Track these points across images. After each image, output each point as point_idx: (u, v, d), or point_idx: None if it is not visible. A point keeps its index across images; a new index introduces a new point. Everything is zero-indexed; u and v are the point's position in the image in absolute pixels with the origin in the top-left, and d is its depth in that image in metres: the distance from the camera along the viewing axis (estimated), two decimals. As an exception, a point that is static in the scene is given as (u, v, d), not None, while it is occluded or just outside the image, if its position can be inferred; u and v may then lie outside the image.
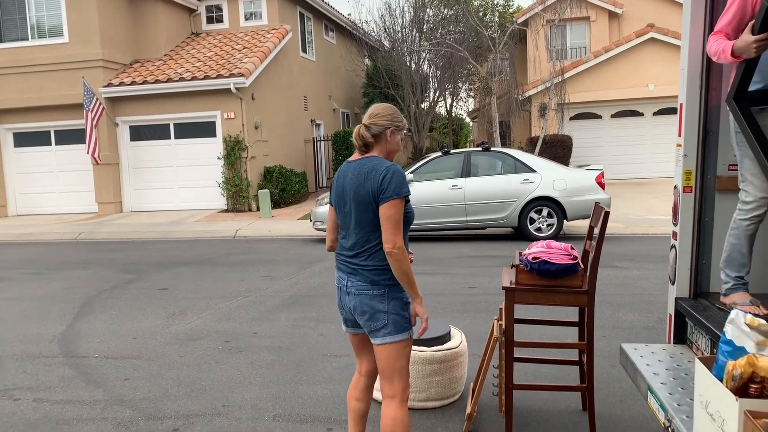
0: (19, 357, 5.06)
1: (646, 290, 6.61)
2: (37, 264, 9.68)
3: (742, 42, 2.68)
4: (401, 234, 2.63)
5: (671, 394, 2.57)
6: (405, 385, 2.77)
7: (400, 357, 2.74)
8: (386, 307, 2.70)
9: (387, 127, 2.78)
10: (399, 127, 2.83)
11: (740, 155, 2.95)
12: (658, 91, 18.50)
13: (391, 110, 2.84)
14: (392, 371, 2.74)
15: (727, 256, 3.02)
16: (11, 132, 16.49)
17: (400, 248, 2.60)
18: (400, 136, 2.85)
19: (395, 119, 2.82)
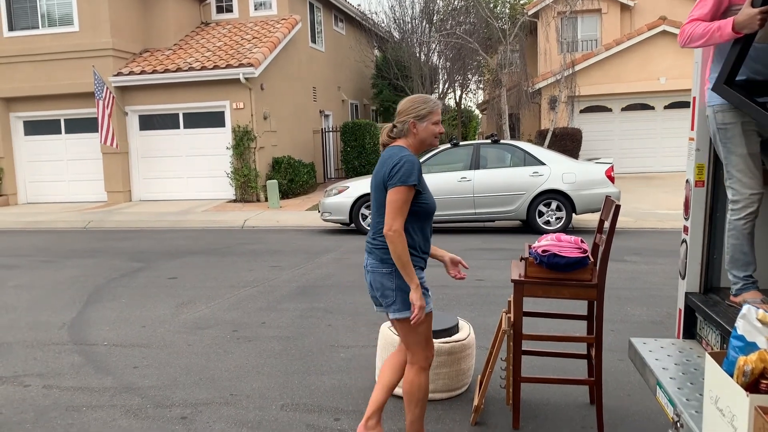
0: (29, 344, 5.10)
1: (654, 285, 6.59)
2: (46, 252, 9.74)
3: (743, 16, 2.63)
4: (400, 219, 2.79)
5: (680, 389, 2.56)
6: (424, 355, 2.97)
7: (412, 330, 2.94)
8: (394, 284, 2.89)
9: (407, 121, 2.93)
10: (420, 116, 2.93)
11: (725, 152, 2.93)
12: (670, 84, 18.36)
13: (411, 102, 2.95)
14: (408, 342, 2.97)
15: (731, 257, 2.99)
16: (21, 120, 16.56)
17: (395, 231, 2.76)
18: (427, 122, 2.93)
19: (415, 109, 2.93)
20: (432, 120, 2.94)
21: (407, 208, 2.82)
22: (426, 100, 2.96)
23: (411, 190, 2.81)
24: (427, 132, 2.94)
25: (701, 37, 2.83)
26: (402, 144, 2.96)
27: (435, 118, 2.94)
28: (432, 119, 2.94)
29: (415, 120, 2.93)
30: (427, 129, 2.94)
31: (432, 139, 2.97)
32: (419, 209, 2.90)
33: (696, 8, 2.90)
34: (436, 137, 2.97)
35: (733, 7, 2.81)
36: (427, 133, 2.94)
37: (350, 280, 7.11)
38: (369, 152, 17.69)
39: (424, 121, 2.93)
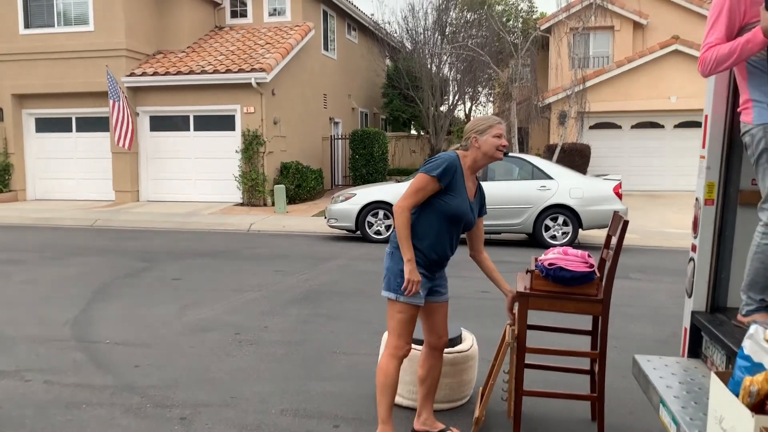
0: (33, 339, 5.11)
1: (659, 303, 6.55)
2: (53, 249, 9.78)
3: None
4: (410, 200, 3.04)
5: (684, 407, 2.54)
6: (394, 343, 3.15)
7: (390, 315, 3.17)
8: (388, 263, 3.17)
9: (469, 137, 3.18)
10: (479, 131, 3.15)
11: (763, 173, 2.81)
12: (680, 103, 18.33)
13: (473, 121, 3.22)
14: (388, 326, 3.20)
15: (751, 280, 2.85)
16: (33, 117, 16.67)
17: (400, 207, 3.03)
18: (487, 135, 3.13)
19: (475, 125, 3.18)
20: (492, 133, 3.12)
21: (421, 194, 3.05)
22: (486, 118, 3.19)
23: (431, 180, 3.04)
24: (488, 144, 3.13)
25: (729, 56, 2.73)
26: (462, 155, 3.19)
27: (495, 132, 3.12)
28: (492, 132, 3.12)
29: (476, 135, 3.15)
30: (488, 141, 3.13)
31: (494, 150, 3.13)
32: (439, 207, 3.09)
33: (709, 35, 2.84)
34: (498, 149, 3.13)
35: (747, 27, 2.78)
36: (488, 145, 3.13)
37: (354, 288, 7.10)
38: (377, 160, 17.71)
39: (484, 134, 3.13)
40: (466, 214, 3.14)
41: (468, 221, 3.19)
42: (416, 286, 3.02)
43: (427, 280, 3.19)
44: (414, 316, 3.16)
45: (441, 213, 3.10)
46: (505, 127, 3.18)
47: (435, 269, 3.22)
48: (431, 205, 3.10)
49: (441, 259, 3.19)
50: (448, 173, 3.05)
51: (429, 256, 3.15)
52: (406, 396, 3.83)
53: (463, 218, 3.14)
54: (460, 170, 3.13)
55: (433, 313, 3.34)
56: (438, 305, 3.34)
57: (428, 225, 3.12)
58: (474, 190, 3.27)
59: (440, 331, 3.36)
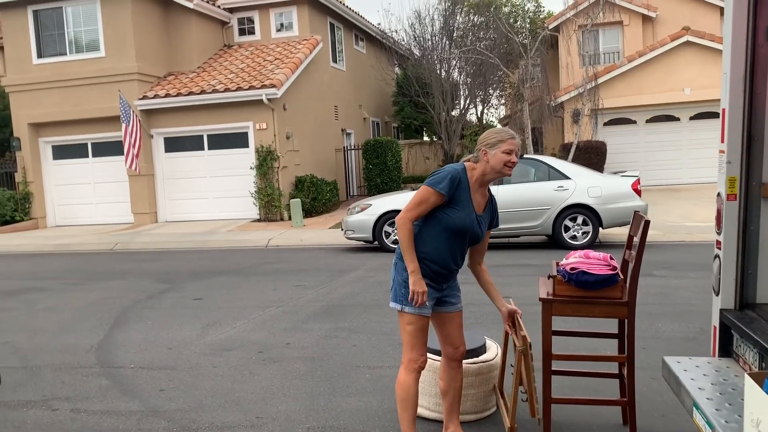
0: (58, 367, 5.14)
1: (686, 300, 6.44)
2: (75, 274, 9.87)
3: None
4: (412, 212, 3.02)
5: (718, 410, 2.47)
6: (408, 356, 3.12)
7: (401, 327, 3.14)
8: (393, 274, 3.17)
9: (480, 150, 3.12)
10: (489, 144, 3.08)
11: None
12: (695, 95, 18.12)
13: (485, 133, 3.15)
14: (402, 339, 3.16)
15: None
16: (50, 145, 16.90)
17: (401, 219, 3.02)
18: (496, 150, 3.05)
19: (486, 138, 3.11)
20: (502, 148, 3.04)
21: (424, 207, 3.02)
22: (498, 132, 3.11)
23: (434, 193, 3.01)
24: (497, 159, 3.05)
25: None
26: (470, 167, 3.14)
27: (505, 147, 3.04)
28: (502, 148, 3.04)
29: (486, 148, 3.08)
30: (497, 156, 3.05)
31: (502, 166, 3.05)
32: (441, 219, 3.06)
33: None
34: (507, 165, 3.05)
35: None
36: (497, 160, 3.05)
37: (375, 299, 7.07)
38: (391, 169, 17.70)
39: (494, 148, 3.05)
40: (470, 228, 3.09)
41: (474, 234, 3.13)
42: (422, 296, 2.99)
43: (434, 290, 3.15)
44: (424, 327, 3.11)
45: (443, 226, 3.06)
46: (518, 142, 3.10)
47: (441, 280, 3.17)
48: (434, 217, 3.07)
49: (445, 271, 3.14)
50: (452, 186, 3.02)
51: (432, 268, 3.11)
52: (432, 408, 3.79)
53: (467, 232, 3.09)
54: (465, 183, 3.08)
55: (446, 323, 3.29)
56: (450, 315, 3.28)
57: (431, 237, 3.09)
58: (484, 203, 3.20)
59: (456, 341, 3.30)
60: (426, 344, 3.14)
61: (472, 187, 3.12)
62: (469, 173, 3.12)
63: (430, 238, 3.09)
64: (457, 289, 3.32)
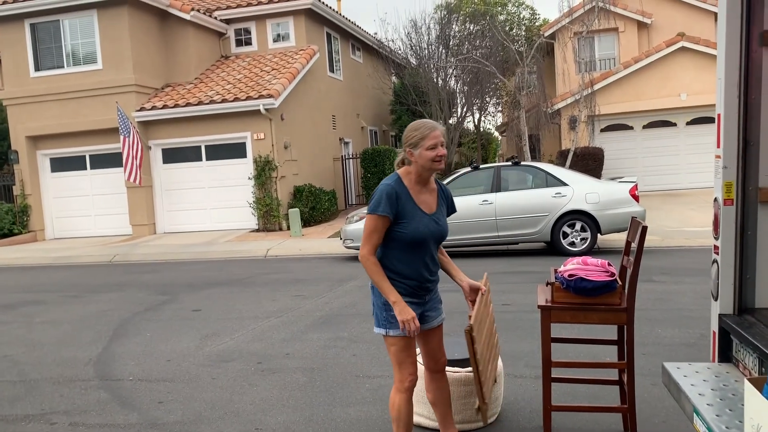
0: (56, 380, 5.12)
1: (685, 305, 6.43)
2: (73, 287, 9.84)
3: None
4: (368, 246, 2.91)
5: (719, 416, 2.46)
6: (398, 376, 3.05)
7: (387, 348, 3.05)
8: (373, 299, 3.07)
9: (405, 151, 2.98)
10: (412, 144, 2.93)
11: None
12: (691, 100, 18.17)
13: (406, 131, 2.99)
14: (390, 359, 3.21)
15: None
16: (48, 158, 16.91)
17: (362, 256, 2.92)
18: (420, 148, 2.90)
19: (408, 138, 2.95)
20: (425, 145, 2.89)
21: (377, 235, 2.91)
22: (417, 127, 2.94)
23: (379, 218, 2.89)
24: (423, 158, 2.91)
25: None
26: (405, 172, 3.01)
27: (428, 143, 2.89)
28: (425, 144, 2.89)
29: (410, 149, 2.94)
30: (422, 155, 2.90)
31: (430, 164, 2.91)
32: (396, 236, 2.95)
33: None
34: (435, 161, 2.90)
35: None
36: (424, 159, 2.91)
37: (374, 308, 7.04)
38: (389, 178, 17.68)
39: (418, 147, 2.91)
40: (428, 234, 2.97)
41: (437, 235, 3.01)
42: (413, 322, 2.87)
43: (417, 306, 3.05)
44: (409, 344, 3.02)
45: (401, 242, 2.94)
46: (441, 130, 2.93)
47: (422, 293, 3.06)
48: (390, 237, 2.96)
49: (422, 283, 3.03)
50: (391, 204, 2.88)
51: (408, 284, 3.00)
52: (432, 417, 3.77)
53: (426, 238, 2.97)
54: (404, 192, 2.95)
55: (429, 338, 3.19)
56: (433, 330, 3.19)
57: (394, 256, 2.98)
58: (434, 199, 3.06)
59: (436, 354, 3.22)
60: (415, 361, 3.07)
61: (414, 192, 2.99)
62: (406, 179, 2.99)
63: (394, 258, 2.98)
64: (439, 301, 3.22)
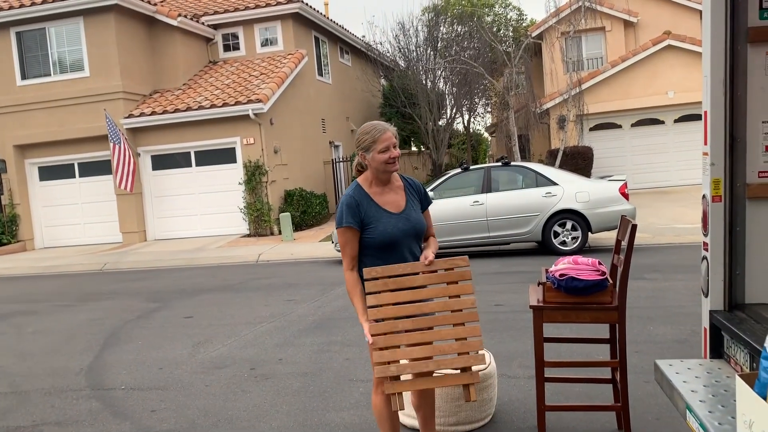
0: (47, 391, 5.07)
1: (676, 302, 6.46)
2: (64, 296, 9.77)
3: None
4: (346, 260, 2.90)
5: (711, 412, 2.47)
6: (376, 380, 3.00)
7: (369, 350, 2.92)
8: None
9: (359, 154, 2.91)
10: (364, 148, 2.86)
11: None
12: (678, 98, 18.29)
13: (357, 136, 2.91)
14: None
15: None
16: (36, 167, 16.79)
17: (344, 272, 2.91)
18: (372, 152, 2.83)
19: (359, 141, 2.88)
20: (377, 149, 2.82)
21: (350, 247, 2.88)
22: (368, 130, 2.86)
23: (346, 230, 2.86)
24: (376, 162, 2.84)
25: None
26: (363, 178, 2.96)
27: (380, 146, 2.81)
28: (377, 148, 2.82)
29: (363, 152, 2.88)
30: (375, 158, 2.84)
31: (384, 166, 2.84)
32: (367, 243, 2.91)
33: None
34: (388, 163, 2.83)
35: None
36: (377, 162, 2.84)
37: (367, 311, 7.03)
38: (380, 181, 17.69)
39: (370, 151, 2.84)
40: (399, 234, 2.89)
41: (412, 232, 2.93)
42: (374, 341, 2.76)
43: None
44: None
45: (372, 247, 2.90)
46: (392, 131, 2.86)
47: None
48: (362, 244, 2.91)
49: None
50: (353, 213, 2.85)
51: None
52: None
53: (398, 238, 2.89)
54: (365, 198, 2.91)
55: None
56: None
57: (371, 262, 2.92)
58: (401, 196, 2.99)
59: None
60: None
61: (376, 194, 2.93)
62: (365, 185, 2.95)
63: (371, 264, 2.91)
64: None
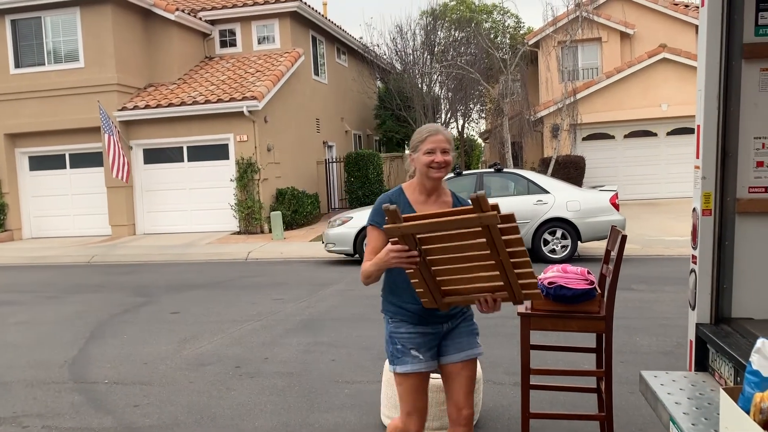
0: (29, 383, 5.03)
1: (663, 313, 6.49)
2: (50, 287, 9.70)
3: None
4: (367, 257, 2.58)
5: (694, 425, 2.48)
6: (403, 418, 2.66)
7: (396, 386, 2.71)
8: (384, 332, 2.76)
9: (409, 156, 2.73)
10: (413, 148, 2.67)
11: None
12: (672, 111, 18.40)
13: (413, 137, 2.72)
14: None
15: None
16: (27, 156, 16.67)
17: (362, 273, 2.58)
18: (419, 152, 2.61)
19: (411, 141, 2.71)
20: (423, 149, 2.60)
21: (370, 247, 2.60)
22: (420, 130, 2.67)
23: (371, 229, 2.62)
24: (419, 163, 2.62)
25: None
26: (409, 184, 2.74)
27: (426, 147, 2.59)
28: (423, 148, 2.60)
29: (411, 152, 2.69)
30: (418, 159, 2.62)
31: (426, 169, 2.60)
32: None
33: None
34: (430, 167, 2.58)
35: None
36: (420, 164, 2.62)
37: (354, 313, 7.03)
38: (372, 182, 17.71)
39: (417, 151, 2.63)
40: None
41: None
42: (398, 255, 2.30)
43: (432, 337, 2.65)
44: (414, 387, 2.62)
45: None
46: (445, 136, 2.63)
47: (433, 320, 2.63)
48: None
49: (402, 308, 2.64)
50: (381, 215, 2.54)
51: (410, 309, 2.61)
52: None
53: None
54: (403, 204, 2.64)
55: (448, 377, 2.69)
56: (452, 367, 2.67)
57: (392, 278, 2.66)
58: None
59: (458, 401, 2.65)
60: (421, 410, 2.64)
61: (416, 203, 2.66)
62: (408, 190, 2.71)
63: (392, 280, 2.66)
64: (469, 332, 2.73)
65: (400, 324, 2.65)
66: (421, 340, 2.63)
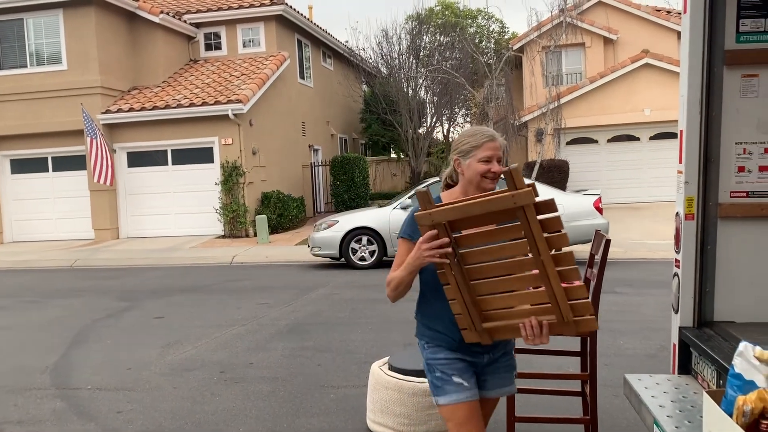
0: (10, 389, 4.96)
1: (647, 316, 6.54)
2: (32, 292, 9.58)
3: None
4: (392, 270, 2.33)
5: (678, 427, 2.50)
6: None
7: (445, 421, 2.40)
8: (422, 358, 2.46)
9: (453, 160, 2.43)
10: (462, 152, 2.37)
11: None
12: (654, 116, 18.58)
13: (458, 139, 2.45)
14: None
15: None
16: (8, 159, 16.48)
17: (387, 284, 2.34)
18: (471, 158, 2.33)
19: (458, 143, 2.41)
20: (478, 156, 2.32)
21: (400, 260, 2.33)
22: (473, 133, 2.39)
23: (402, 242, 2.37)
24: (471, 171, 2.33)
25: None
26: (447, 194, 2.48)
27: (482, 154, 2.31)
28: (478, 155, 2.32)
29: (459, 157, 2.38)
30: (471, 167, 2.33)
31: (479, 179, 2.32)
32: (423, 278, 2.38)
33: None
34: (486, 177, 2.31)
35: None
36: (472, 173, 2.33)
37: (340, 317, 7.01)
38: (358, 186, 17.71)
39: (468, 157, 2.34)
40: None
41: None
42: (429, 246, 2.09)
43: (470, 365, 2.38)
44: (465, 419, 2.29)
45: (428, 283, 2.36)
46: (502, 143, 2.39)
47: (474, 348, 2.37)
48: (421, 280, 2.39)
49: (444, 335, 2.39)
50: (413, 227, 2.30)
51: (453, 336, 2.34)
52: (398, 428, 3.75)
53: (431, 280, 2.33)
54: None
55: None
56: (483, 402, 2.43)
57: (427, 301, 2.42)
58: None
59: None
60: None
61: None
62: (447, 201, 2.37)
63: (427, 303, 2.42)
64: (508, 367, 2.52)
65: (437, 349, 2.39)
66: (462, 365, 2.37)
